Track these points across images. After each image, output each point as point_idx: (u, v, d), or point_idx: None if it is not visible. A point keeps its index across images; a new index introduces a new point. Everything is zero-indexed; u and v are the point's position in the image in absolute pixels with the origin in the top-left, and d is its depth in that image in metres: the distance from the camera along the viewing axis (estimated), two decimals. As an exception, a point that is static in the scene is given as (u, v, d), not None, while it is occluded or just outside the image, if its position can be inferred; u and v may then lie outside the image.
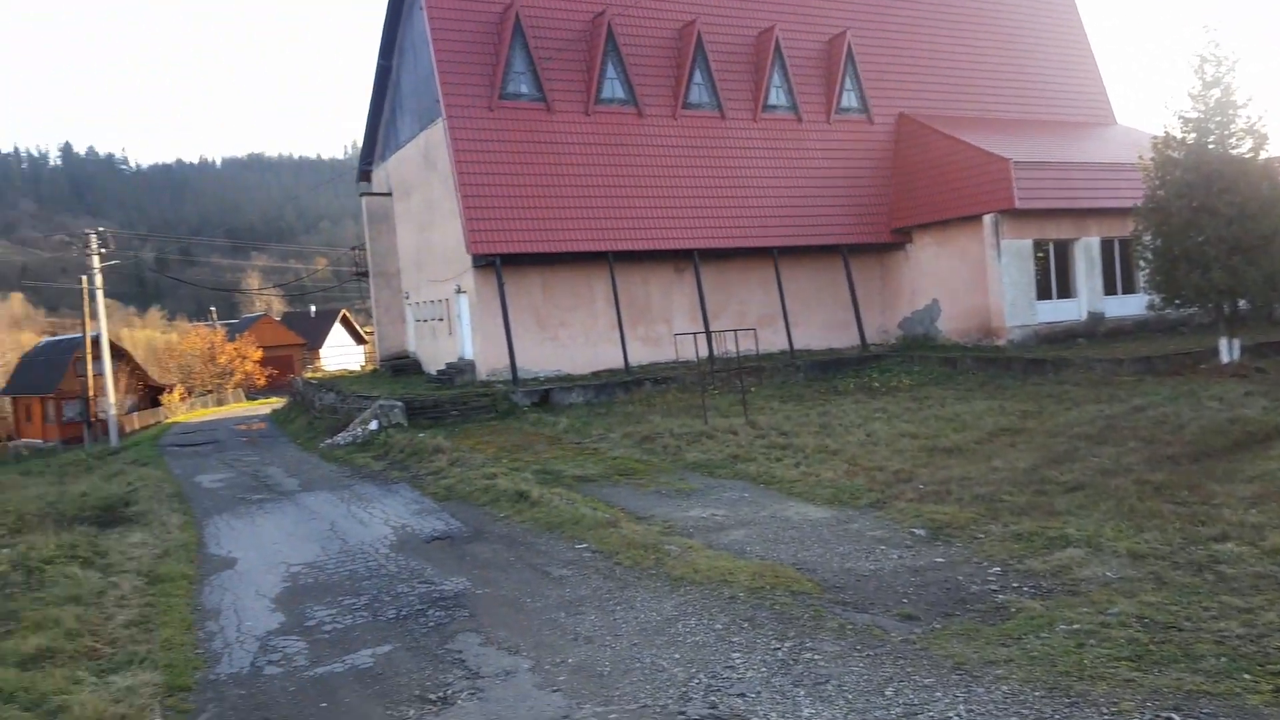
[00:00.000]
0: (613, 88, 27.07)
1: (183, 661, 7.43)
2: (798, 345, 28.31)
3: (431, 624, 8.05)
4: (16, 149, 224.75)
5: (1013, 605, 7.24)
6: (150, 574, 10.49)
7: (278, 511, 14.53)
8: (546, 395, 23.43)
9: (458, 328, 27.36)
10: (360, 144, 35.47)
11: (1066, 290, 27.51)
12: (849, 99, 30.61)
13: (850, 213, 29.25)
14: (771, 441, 16.00)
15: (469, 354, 26.56)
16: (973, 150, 26.83)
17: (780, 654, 6.62)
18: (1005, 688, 5.71)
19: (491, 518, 12.42)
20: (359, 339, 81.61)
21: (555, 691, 6.29)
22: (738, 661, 6.55)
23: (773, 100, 29.34)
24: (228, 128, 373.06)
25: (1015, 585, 7.81)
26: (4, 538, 13.06)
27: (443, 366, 27.93)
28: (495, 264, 24.29)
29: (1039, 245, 26.93)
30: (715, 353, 25.19)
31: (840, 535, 10.00)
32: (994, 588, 7.81)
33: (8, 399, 65.33)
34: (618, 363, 25.90)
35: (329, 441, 22.21)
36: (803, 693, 5.92)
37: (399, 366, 32.29)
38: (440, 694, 6.43)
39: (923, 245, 29.15)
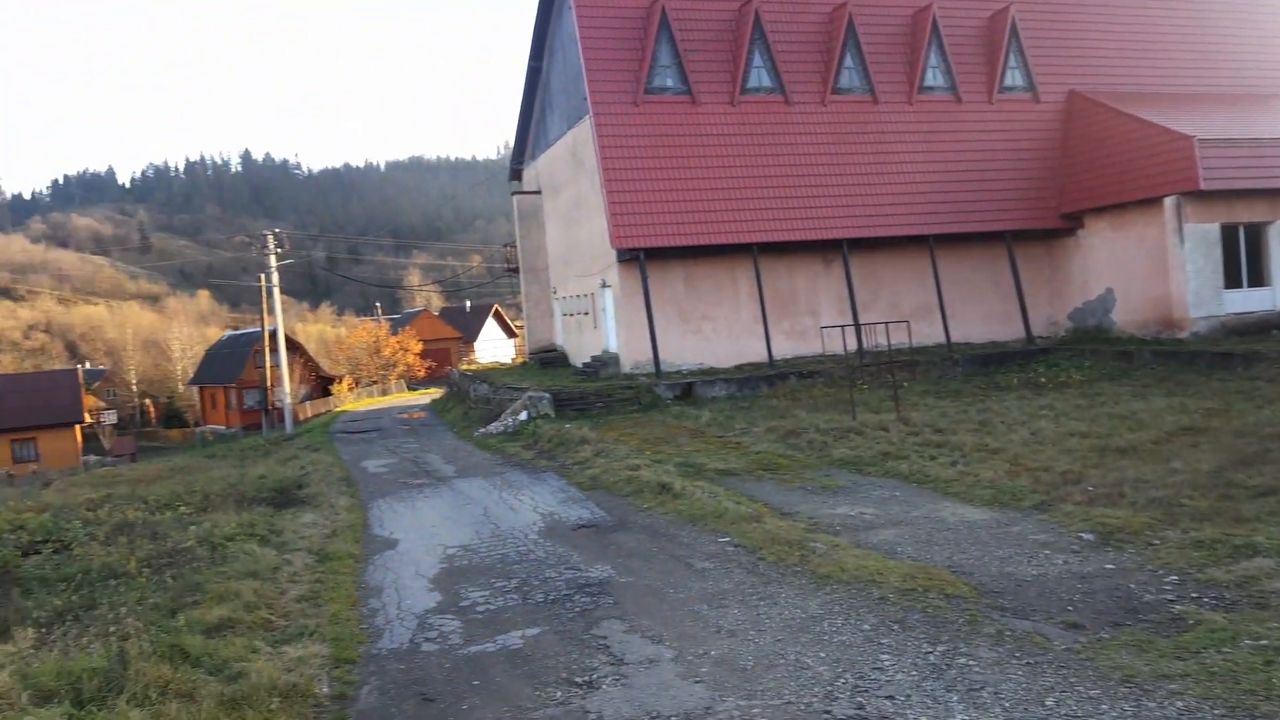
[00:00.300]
0: (759, 76, 26.75)
1: (348, 635, 7.86)
2: (955, 338, 27.13)
3: (577, 609, 8.20)
4: (203, 157, 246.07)
5: (1191, 617, 6.67)
6: (320, 552, 11.18)
7: (435, 496, 15.20)
8: (689, 388, 23.46)
9: (603, 321, 27.81)
10: (512, 144, 36.62)
11: (1259, 278, 25.11)
12: (1013, 77, 29.03)
13: (1014, 197, 27.73)
14: (925, 439, 15.40)
15: (613, 347, 26.94)
16: (1151, 128, 24.88)
17: (932, 658, 6.35)
18: (1180, 703, 5.26)
19: (634, 508, 12.53)
20: (510, 332, 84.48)
21: (698, 682, 6.27)
22: (887, 663, 6.32)
23: (929, 81, 28.20)
24: (390, 132, 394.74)
25: (1194, 596, 7.18)
26: (192, 516, 14.26)
27: (588, 359, 28.46)
28: (639, 258, 24.51)
29: (1227, 230, 24.68)
30: (864, 346, 24.51)
31: (1000, 538, 9.50)
32: (1170, 598, 7.21)
33: (196, 388, 71.47)
34: (761, 356, 25.63)
35: (482, 430, 23.06)
36: (956, 698, 5.66)
37: (547, 359, 33.16)
38: (586, 678, 6.53)
39: (1095, 231, 27.29)
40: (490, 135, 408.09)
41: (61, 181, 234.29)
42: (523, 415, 22.23)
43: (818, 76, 27.27)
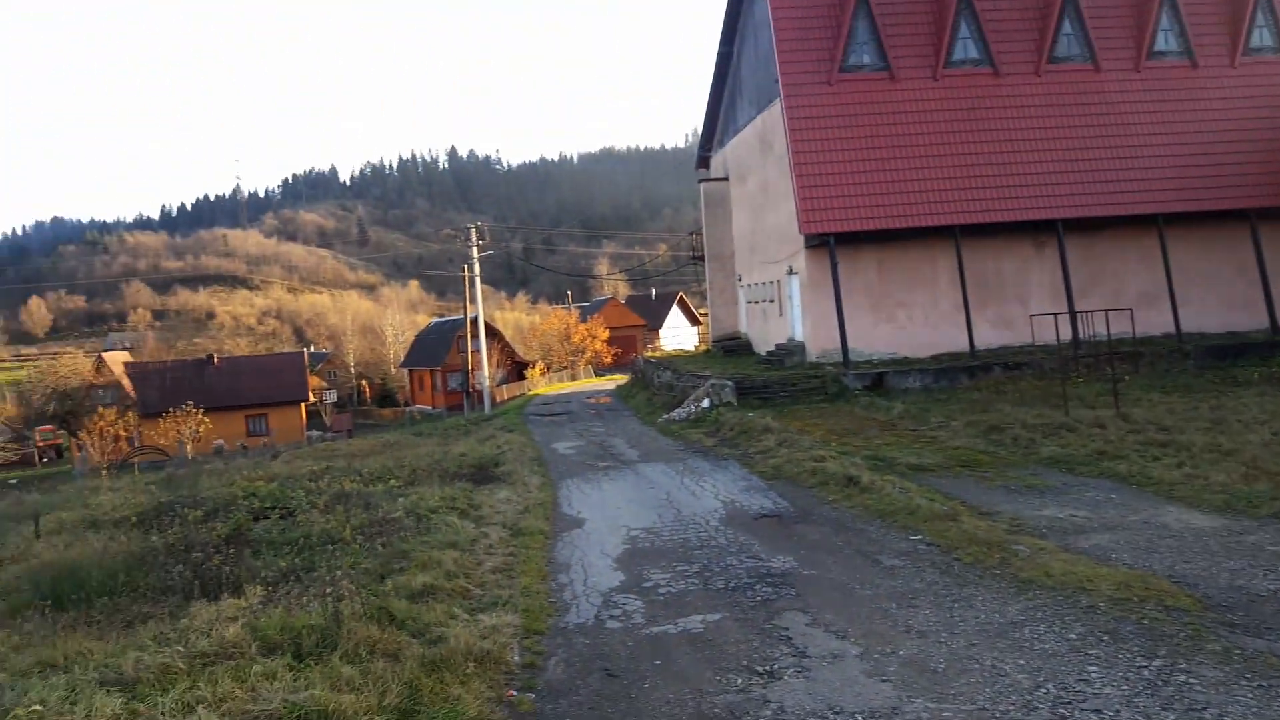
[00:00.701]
0: (965, 48, 25.32)
1: (538, 608, 8.17)
2: (1187, 328, 24.57)
3: (759, 599, 8.13)
4: (414, 154, 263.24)
5: None
6: (514, 527, 11.70)
7: (620, 479, 15.54)
8: (880, 379, 22.67)
9: (788, 309, 27.38)
10: (700, 132, 36.76)
11: None
12: (1261, 37, 25.91)
13: (1260, 171, 24.73)
14: (1148, 437, 14.13)
15: (799, 335, 26.47)
16: None
17: (1147, 673, 5.81)
18: None
19: (819, 500, 12.28)
20: (694, 320, 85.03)
21: (884, 681, 6.07)
22: (1094, 676, 5.85)
23: (1160, 45, 25.67)
24: (583, 125, 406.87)
25: None
26: (401, 488, 15.30)
27: (772, 348, 28.13)
28: (828, 243, 23.90)
29: None
30: (1080, 336, 22.71)
31: (1231, 548, 8.56)
32: None
33: (406, 371, 76.71)
34: (961, 346, 24.34)
35: (666, 417, 23.34)
36: (1173, 718, 5.14)
37: (730, 347, 33.09)
38: (767, 667, 6.48)
39: (1355, 208, 23.94)
40: (679, 123, 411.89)
41: (290, 180, 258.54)
42: (705, 403, 22.30)
43: (1031, 45, 25.46)
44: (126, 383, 59.30)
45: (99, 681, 6.05)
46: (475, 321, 45.65)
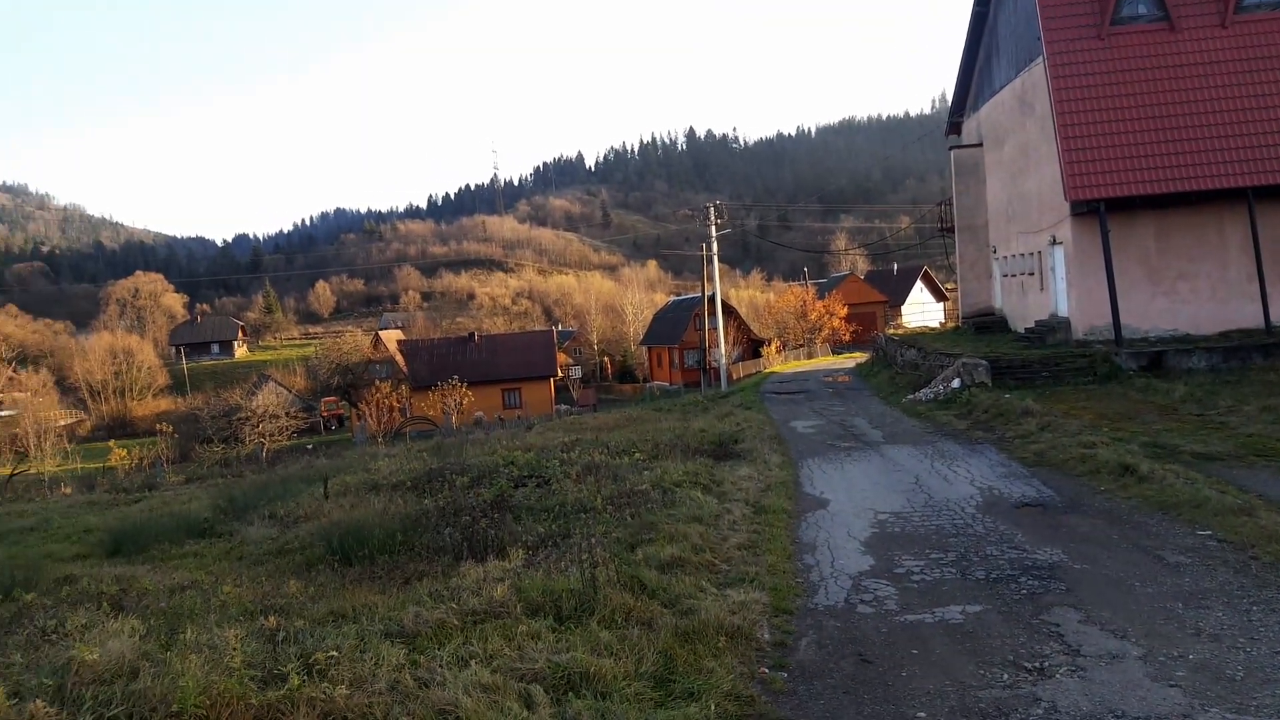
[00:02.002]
0: (1262, -12, 22.08)
1: (785, 587, 8.07)
2: None
3: (1024, 592, 7.60)
4: (654, 137, 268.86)
5: None
6: (756, 504, 11.65)
7: (864, 460, 15.05)
8: (1158, 358, 20.39)
9: (1050, 282, 25.23)
10: (949, 96, 34.63)
11: None
12: None
13: None
14: None
15: (1063, 311, 24.33)
16: None
17: None
18: None
19: (1089, 490, 11.27)
20: (939, 296, 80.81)
21: (1172, 686, 5.55)
22: None
23: None
24: (822, 96, 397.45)
25: None
26: (645, 462, 15.71)
27: (1031, 324, 26.07)
28: (1098, 210, 21.71)
29: None
30: None
31: None
32: None
33: (645, 348, 78.96)
34: (1254, 321, 21.39)
35: (911, 397, 22.33)
36: None
37: (983, 324, 31.05)
38: (1036, 664, 6.07)
39: None
40: (924, 89, 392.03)
41: (541, 168, 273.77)
42: (955, 383, 21.08)
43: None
44: (399, 358, 65.51)
45: (383, 633, 6.64)
46: (712, 300, 46.06)
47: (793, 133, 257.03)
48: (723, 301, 49.75)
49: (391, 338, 75.84)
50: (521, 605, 7.21)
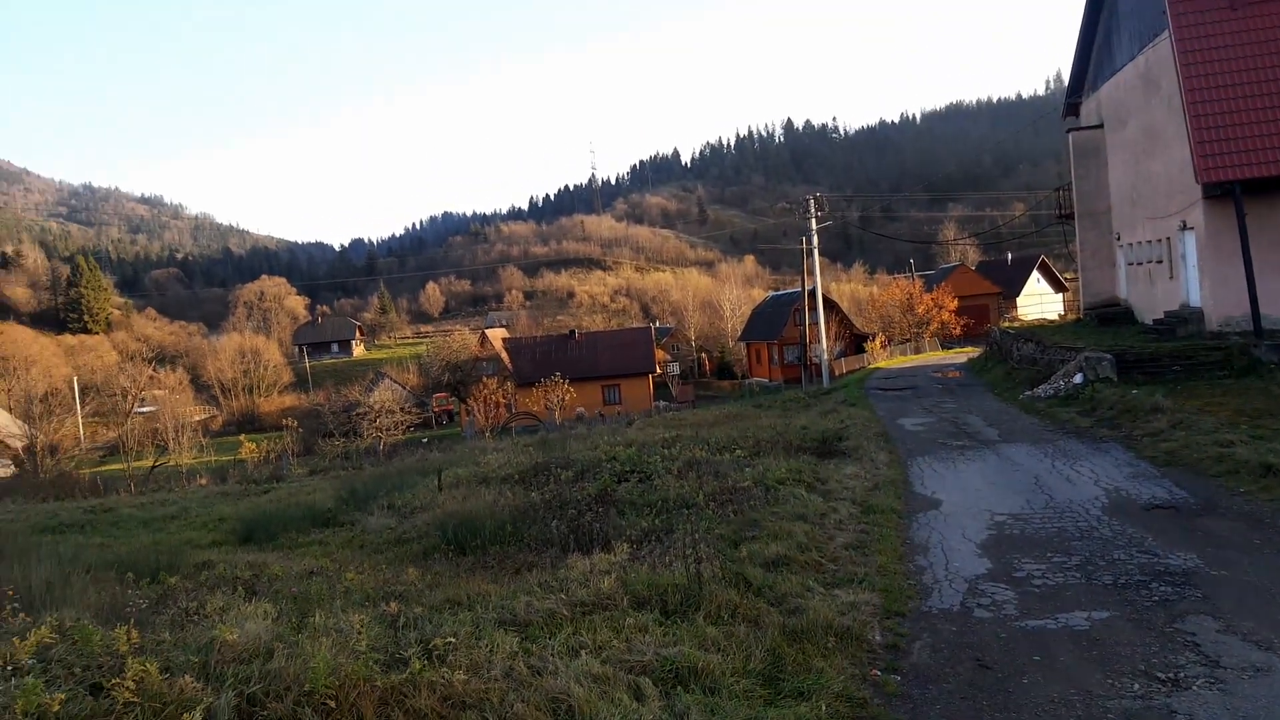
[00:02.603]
0: None
1: (896, 589, 7.88)
2: None
3: (1155, 598, 7.22)
4: (750, 131, 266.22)
5: None
6: (863, 504, 11.42)
7: (978, 459, 14.56)
8: (1303, 350, 18.97)
9: (1181, 270, 23.82)
10: (1064, 77, 33.13)
11: None
12: None
13: None
14: None
15: (1195, 301, 22.94)
16: None
17: None
18: None
19: (1227, 491, 10.62)
20: (1058, 286, 77.40)
21: (1330, 705, 5.12)
22: None
23: None
24: (927, 81, 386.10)
25: None
26: (746, 459, 15.60)
27: (1160, 315, 24.67)
28: (1232, 192, 20.35)
29: None
30: None
31: None
32: None
33: (743, 344, 78.44)
34: None
35: (1028, 393, 21.47)
36: None
37: (1106, 315, 29.56)
38: (1170, 675, 5.78)
39: None
40: (1038, 69, 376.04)
41: (638, 166, 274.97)
42: (1077, 378, 20.14)
43: None
44: (504, 356, 67.01)
45: (497, 621, 6.79)
46: (813, 294, 45.35)
47: (896, 119, 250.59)
48: (824, 295, 48.95)
49: (497, 336, 77.65)
50: (628, 598, 7.27)
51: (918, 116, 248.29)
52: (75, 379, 72.06)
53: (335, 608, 7.20)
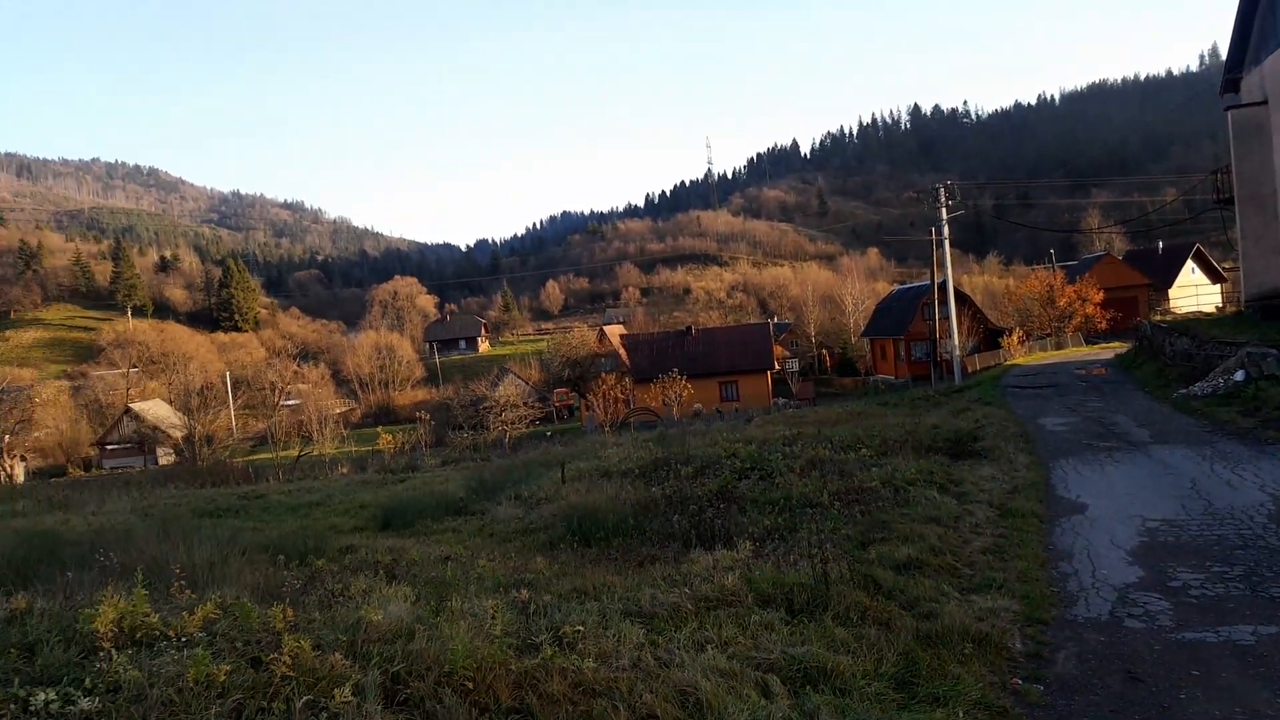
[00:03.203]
0: None
1: (1038, 596, 7.52)
2: None
3: (1333, 616, 6.60)
4: (874, 118, 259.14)
5: None
6: (1001, 507, 10.95)
7: (1127, 461, 13.73)
8: None
9: (1357, 259, 21.80)
10: (1221, 50, 30.83)
11: None
12: None
13: None
14: None
15: (1374, 291, 20.95)
16: None
17: None
18: None
19: None
20: (1215, 277, 72.08)
21: None
22: None
23: None
24: (1066, 59, 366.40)
25: None
26: (873, 458, 15.21)
27: (1332, 307, 22.65)
28: None
29: None
30: None
31: None
32: None
33: (866, 340, 76.49)
34: None
35: (1183, 391, 20.11)
36: None
37: (1271, 307, 27.30)
38: None
39: None
40: (1190, 43, 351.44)
41: (755, 159, 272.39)
42: (1238, 375, 18.71)
43: None
44: (622, 352, 67.69)
45: (623, 612, 6.86)
46: (943, 287, 43.78)
47: (1033, 102, 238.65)
48: (955, 288, 47.18)
49: (615, 332, 78.51)
50: (753, 595, 7.22)
51: (1056, 98, 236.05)
52: (228, 374, 77.24)
53: (469, 593, 7.45)
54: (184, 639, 5.41)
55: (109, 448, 65.74)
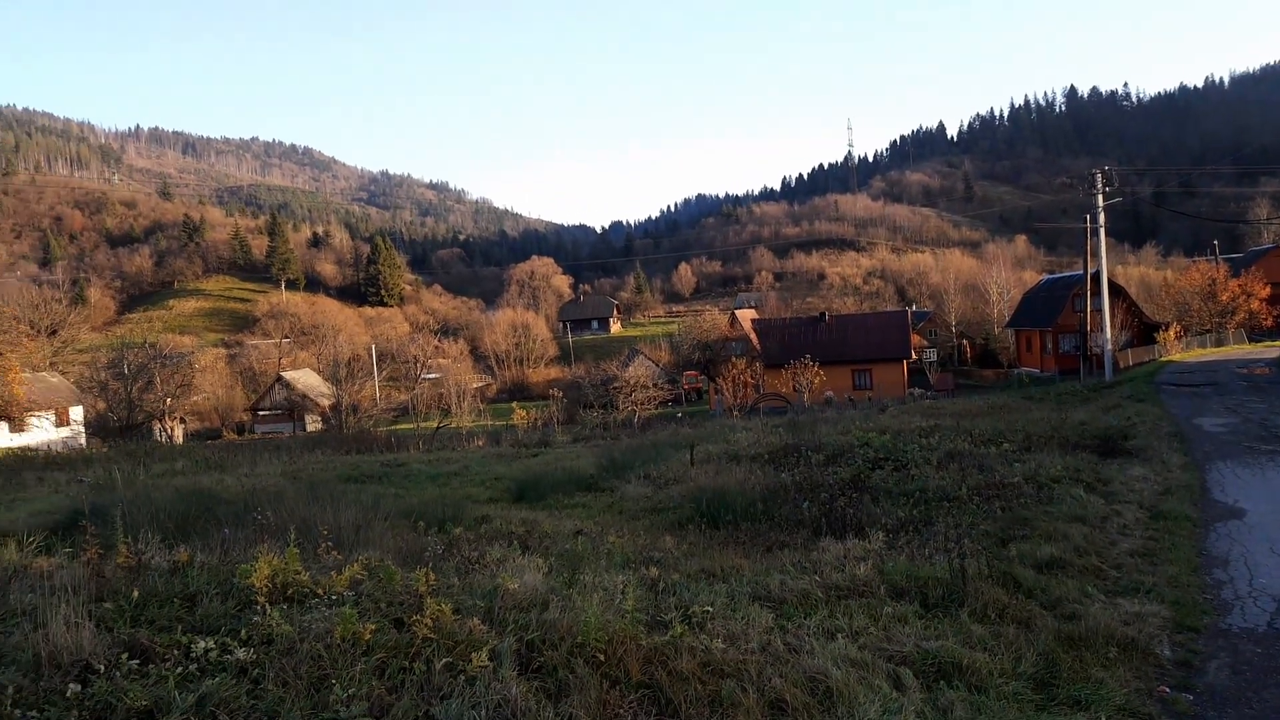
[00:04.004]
0: None
1: (1189, 602, 7.15)
2: None
3: None
4: (1027, 100, 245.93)
5: None
6: (1152, 509, 10.42)
7: (1295, 466, 12.75)
8: None
9: None
10: None
11: None
12: None
13: None
14: None
15: None
16: None
17: None
18: None
19: None
20: None
21: None
22: None
23: None
24: (1237, 40, 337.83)
25: None
26: (1015, 453, 14.64)
27: None
28: None
29: None
30: None
31: None
32: None
33: (1010, 331, 73.14)
34: None
35: (1364, 395, 18.42)
36: None
37: None
38: None
39: None
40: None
41: (898, 141, 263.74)
42: None
43: None
44: (753, 337, 67.24)
45: (751, 595, 6.91)
46: (1096, 278, 41.38)
47: (1199, 84, 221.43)
48: (1109, 279, 44.45)
49: (746, 316, 78.01)
50: (885, 587, 7.14)
51: (1225, 80, 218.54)
52: (373, 347, 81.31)
53: (600, 567, 7.67)
54: (332, 597, 5.73)
55: (261, 413, 70.38)
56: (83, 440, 54.35)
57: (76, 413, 57.02)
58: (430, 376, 73.22)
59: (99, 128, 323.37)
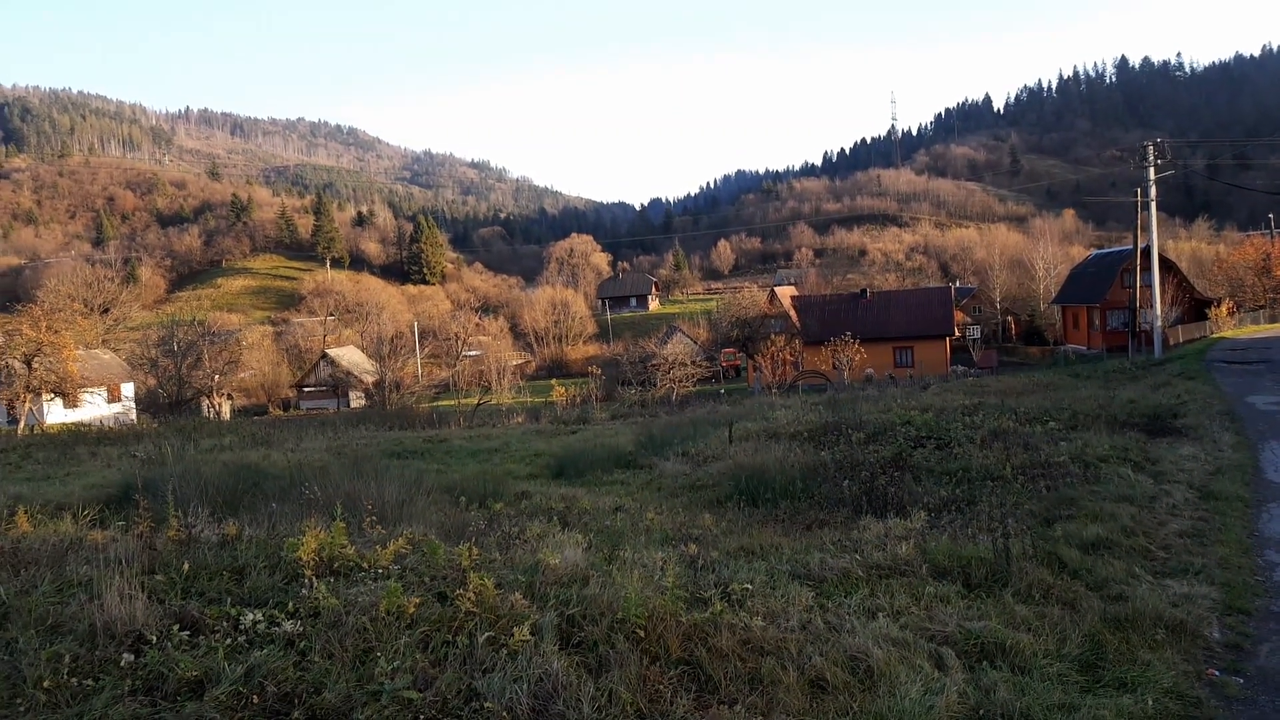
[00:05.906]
0: None
1: (1241, 584, 7.01)
2: None
3: None
4: (1076, 71, 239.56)
5: None
6: (1202, 489, 10.20)
7: (1352, 447, 12.38)
8: None
9: None
10: None
11: None
12: None
13: None
14: None
15: None
16: None
17: None
18: None
19: None
20: None
21: None
22: None
23: None
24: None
25: None
26: (1061, 432, 14.40)
27: None
28: None
29: None
30: None
31: None
32: None
33: (1057, 307, 71.70)
34: None
35: None
36: None
37: None
38: None
39: None
40: None
41: (943, 115, 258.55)
42: None
43: None
44: (793, 314, 66.74)
45: (790, 573, 6.89)
46: (1146, 253, 40.36)
47: (1255, 53, 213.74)
48: (1159, 254, 43.33)
49: (785, 293, 77.37)
50: (927, 566, 7.08)
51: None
52: (415, 324, 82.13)
53: (639, 544, 7.70)
54: (377, 571, 5.83)
55: (306, 390, 71.58)
56: (133, 416, 55.78)
57: (128, 389, 58.53)
58: (471, 354, 73.82)
59: (150, 109, 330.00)
